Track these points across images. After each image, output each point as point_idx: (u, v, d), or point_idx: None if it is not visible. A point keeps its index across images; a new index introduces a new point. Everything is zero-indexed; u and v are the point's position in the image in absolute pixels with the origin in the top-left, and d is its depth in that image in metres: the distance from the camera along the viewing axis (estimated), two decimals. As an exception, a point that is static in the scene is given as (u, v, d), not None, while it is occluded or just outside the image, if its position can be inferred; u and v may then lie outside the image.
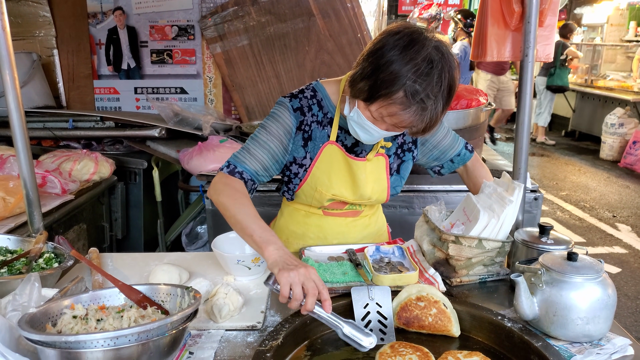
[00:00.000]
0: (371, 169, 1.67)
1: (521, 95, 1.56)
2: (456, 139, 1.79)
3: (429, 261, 1.60)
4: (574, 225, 5.23)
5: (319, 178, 1.64)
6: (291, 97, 1.61)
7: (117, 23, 3.89)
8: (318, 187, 1.65)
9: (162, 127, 3.18)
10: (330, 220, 1.77)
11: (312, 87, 1.64)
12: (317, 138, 1.62)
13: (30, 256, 1.54)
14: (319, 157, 1.62)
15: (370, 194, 1.70)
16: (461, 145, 1.79)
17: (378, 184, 1.70)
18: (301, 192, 1.68)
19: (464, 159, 1.80)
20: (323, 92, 1.63)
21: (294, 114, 1.59)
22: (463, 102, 2.79)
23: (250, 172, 1.55)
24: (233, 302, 1.34)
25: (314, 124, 1.61)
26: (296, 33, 3.69)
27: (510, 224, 1.54)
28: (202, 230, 3.23)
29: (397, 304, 1.37)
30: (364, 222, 1.83)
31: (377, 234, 1.89)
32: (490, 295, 1.51)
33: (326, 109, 1.62)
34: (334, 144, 1.62)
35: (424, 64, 1.27)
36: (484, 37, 1.60)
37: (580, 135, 9.22)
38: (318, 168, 1.63)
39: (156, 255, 1.78)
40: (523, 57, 1.52)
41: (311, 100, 1.61)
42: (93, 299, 1.17)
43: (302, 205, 1.77)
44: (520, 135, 1.60)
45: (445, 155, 1.78)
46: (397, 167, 1.74)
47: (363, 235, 1.83)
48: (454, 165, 1.81)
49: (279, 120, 1.59)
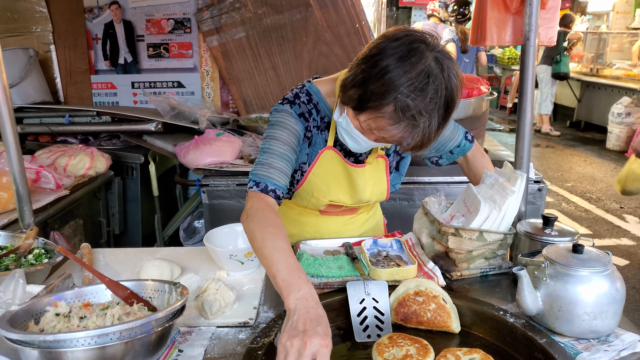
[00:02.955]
0: (370, 172, 1.62)
1: (523, 81, 1.50)
2: (456, 129, 1.73)
3: (428, 254, 1.55)
4: (579, 217, 5.16)
5: (316, 184, 1.58)
6: (290, 104, 1.51)
7: (114, 17, 3.85)
8: (315, 193, 1.60)
9: (158, 121, 3.14)
10: (327, 219, 1.73)
11: (306, 91, 1.54)
12: (316, 144, 1.55)
13: (20, 252, 1.51)
14: (316, 163, 1.56)
15: (370, 197, 1.65)
16: (461, 135, 1.72)
17: (377, 186, 1.65)
18: (297, 195, 1.64)
19: (464, 149, 1.73)
20: (318, 95, 1.54)
21: (299, 120, 1.49)
22: (464, 91, 2.73)
23: (281, 187, 1.42)
24: (224, 298, 1.29)
25: (314, 129, 1.54)
26: (293, 24, 3.63)
27: (513, 216, 1.48)
28: (200, 225, 3.19)
29: (395, 299, 1.32)
30: (362, 218, 1.79)
31: (374, 229, 1.85)
32: (492, 290, 1.45)
33: (323, 113, 1.55)
34: (332, 149, 1.56)
35: (419, 77, 1.17)
36: (483, 21, 1.53)
37: (585, 125, 9.12)
38: (314, 174, 1.57)
39: (149, 250, 1.74)
40: (524, 41, 1.45)
41: (309, 105, 1.52)
42: (78, 296, 1.13)
43: (299, 207, 1.72)
44: (522, 122, 1.54)
45: (445, 147, 1.72)
46: (395, 165, 1.70)
47: (360, 232, 1.79)
48: (453, 156, 1.75)
49: (288, 127, 1.47)
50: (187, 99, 3.74)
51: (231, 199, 2.63)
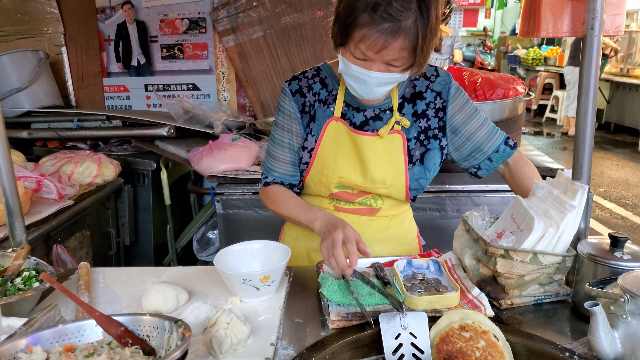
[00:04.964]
0: (383, 147, 1.47)
1: (584, 79, 1.28)
2: (494, 132, 1.54)
3: (473, 279, 1.34)
4: (616, 224, 4.87)
5: (325, 159, 1.51)
6: (291, 80, 1.56)
7: (126, 18, 3.72)
8: (324, 170, 1.51)
9: (171, 125, 2.97)
10: (341, 216, 1.54)
11: (317, 67, 1.57)
12: (320, 118, 1.52)
13: (7, 275, 1.33)
14: (323, 136, 1.51)
15: (383, 176, 1.48)
16: (500, 139, 1.53)
17: (392, 165, 1.48)
18: (309, 179, 1.56)
19: (504, 155, 1.54)
20: (328, 71, 1.55)
21: (293, 98, 1.54)
22: (499, 91, 2.51)
23: (279, 177, 1.57)
24: (236, 333, 1.10)
25: (316, 104, 1.53)
26: (313, 23, 3.45)
27: (572, 234, 1.27)
28: (214, 235, 3.01)
29: (436, 334, 1.12)
30: (382, 223, 1.59)
31: (399, 240, 1.65)
32: (549, 322, 1.24)
33: (331, 87, 1.53)
34: (339, 120, 1.50)
35: None
36: (537, 8, 1.32)
37: (615, 127, 8.77)
38: (323, 148, 1.51)
39: (154, 270, 1.55)
40: (587, 30, 1.23)
41: (312, 80, 1.54)
42: (60, 336, 0.94)
43: (311, 198, 1.60)
44: (582, 126, 1.32)
45: (482, 151, 1.53)
46: (420, 156, 1.51)
47: (379, 238, 1.59)
48: (492, 164, 1.55)
49: (283, 111, 1.56)
50: (202, 102, 3.58)
51: (247, 209, 2.45)
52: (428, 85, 1.52)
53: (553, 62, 10.82)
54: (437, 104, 1.51)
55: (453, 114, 1.51)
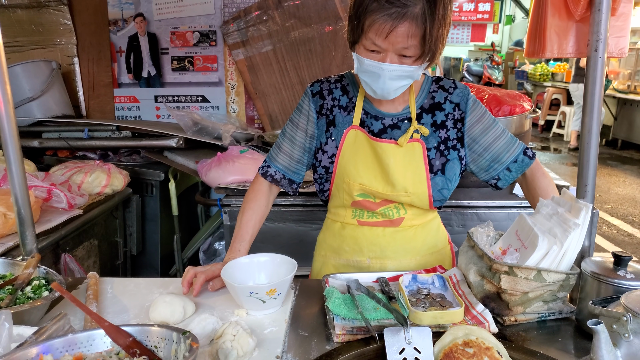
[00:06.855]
0: (403, 155, 1.49)
1: (588, 98, 1.30)
2: (513, 142, 1.56)
3: (477, 295, 1.35)
4: (622, 241, 4.84)
5: (345, 167, 1.54)
6: (314, 83, 1.62)
7: (138, 30, 3.77)
8: (345, 178, 1.53)
9: (180, 136, 3.01)
10: (365, 230, 1.59)
11: (341, 75, 1.62)
12: (340, 124, 1.55)
13: (17, 284, 1.35)
14: (343, 145, 1.54)
15: (404, 183, 1.49)
16: (519, 149, 1.56)
17: (413, 173, 1.50)
18: (335, 188, 1.58)
19: (523, 166, 1.56)
20: (350, 79, 1.59)
21: (312, 98, 1.59)
22: (506, 108, 2.53)
23: (281, 169, 1.62)
24: (242, 345, 1.11)
25: (335, 109, 1.56)
26: (322, 37, 3.49)
27: (576, 252, 1.28)
28: (220, 246, 3.03)
29: (440, 349, 1.12)
30: (407, 233, 1.59)
31: (428, 250, 1.64)
32: (552, 339, 1.24)
33: (351, 94, 1.57)
34: (357, 129, 1.53)
35: None
36: (542, 29, 1.34)
37: (622, 143, 8.75)
38: (343, 157, 1.54)
39: (162, 281, 1.57)
40: (591, 52, 1.25)
41: (334, 85, 1.59)
42: (69, 345, 0.96)
43: (337, 210, 1.63)
44: (586, 145, 1.33)
45: (500, 161, 1.55)
46: (441, 166, 1.52)
47: (406, 249, 1.59)
48: (511, 174, 1.57)
49: (301, 109, 1.60)
50: (211, 113, 3.61)
51: (253, 221, 2.46)
52: (446, 97, 1.54)
53: (560, 78, 10.83)
54: (455, 115, 1.54)
55: (471, 125, 1.54)
